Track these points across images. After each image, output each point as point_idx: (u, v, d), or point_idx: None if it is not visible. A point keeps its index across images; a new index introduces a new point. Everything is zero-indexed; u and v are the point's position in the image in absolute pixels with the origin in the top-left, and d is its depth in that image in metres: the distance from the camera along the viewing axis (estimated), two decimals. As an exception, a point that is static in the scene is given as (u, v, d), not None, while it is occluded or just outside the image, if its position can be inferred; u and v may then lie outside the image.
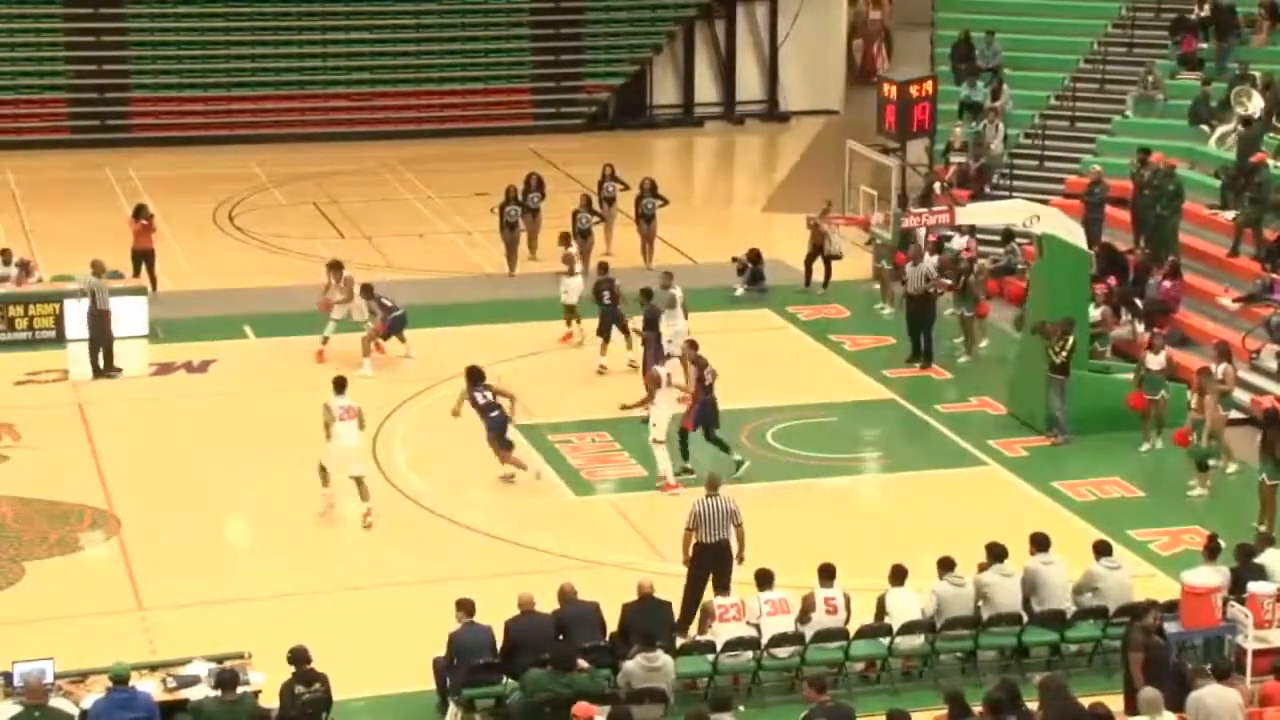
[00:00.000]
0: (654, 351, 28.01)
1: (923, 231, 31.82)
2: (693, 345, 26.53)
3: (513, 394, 25.76)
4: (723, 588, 20.56)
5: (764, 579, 19.93)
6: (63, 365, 30.51)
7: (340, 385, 24.57)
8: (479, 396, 25.25)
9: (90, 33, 46.49)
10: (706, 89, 50.80)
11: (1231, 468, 25.86)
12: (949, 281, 31.50)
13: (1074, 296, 27.65)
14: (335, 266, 30.68)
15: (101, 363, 29.89)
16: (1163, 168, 32.63)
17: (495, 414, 25.19)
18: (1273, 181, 31.75)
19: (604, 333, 29.83)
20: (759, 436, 27.33)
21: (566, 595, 19.43)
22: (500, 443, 25.28)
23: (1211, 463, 25.66)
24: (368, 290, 30.09)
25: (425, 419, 26.97)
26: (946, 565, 20.26)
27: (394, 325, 29.95)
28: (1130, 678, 18.24)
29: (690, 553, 20.91)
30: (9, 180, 42.00)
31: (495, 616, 19.09)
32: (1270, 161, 32.49)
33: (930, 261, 30.57)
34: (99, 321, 29.94)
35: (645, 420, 25.66)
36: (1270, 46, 37.92)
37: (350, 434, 24.14)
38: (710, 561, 20.82)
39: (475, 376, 25.40)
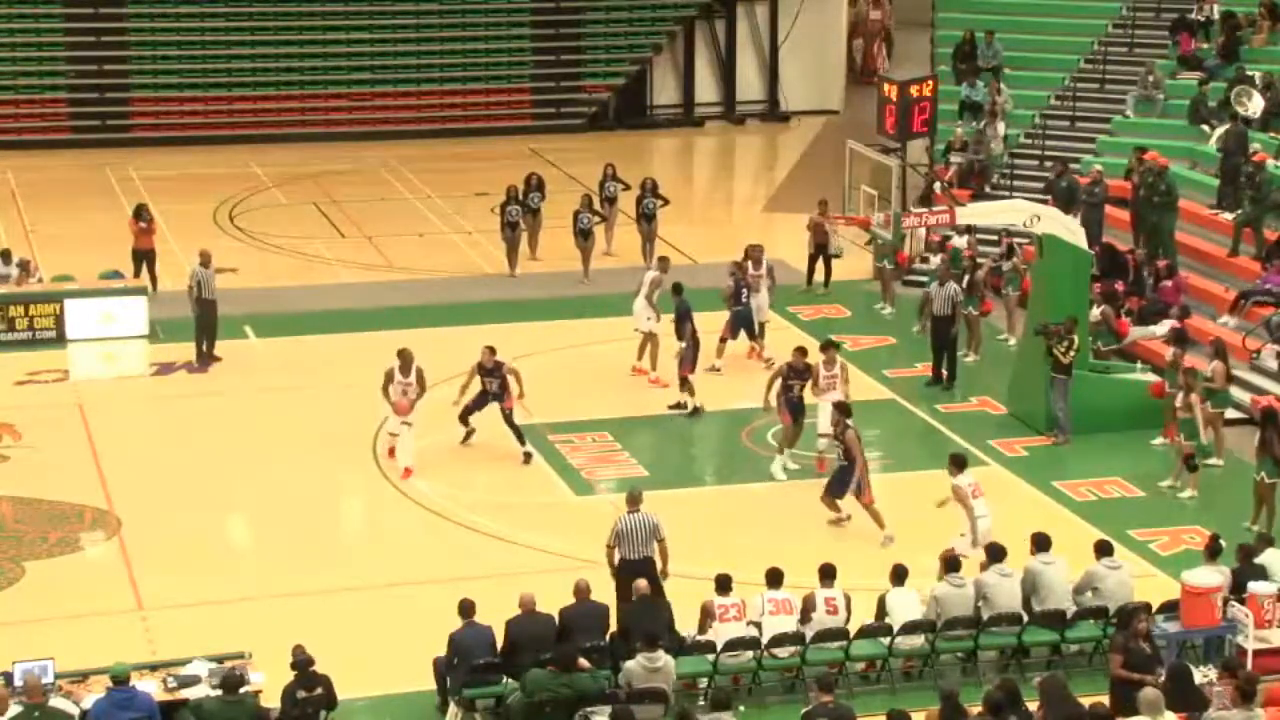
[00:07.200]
0: (692, 346, 28.18)
1: (963, 246, 31.95)
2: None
3: (518, 373, 26.23)
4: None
5: (774, 577, 19.93)
6: (63, 365, 30.55)
7: (960, 463, 22.79)
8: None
9: (90, 33, 46.51)
10: (706, 89, 50.81)
11: (1216, 462, 25.91)
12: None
13: (1074, 296, 27.64)
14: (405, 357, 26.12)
15: (205, 349, 30.34)
16: (1154, 167, 32.63)
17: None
18: (1273, 181, 31.75)
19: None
20: (759, 437, 27.35)
21: (580, 592, 19.42)
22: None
23: (1210, 461, 25.72)
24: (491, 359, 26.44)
25: (425, 420, 26.88)
26: (951, 565, 20.28)
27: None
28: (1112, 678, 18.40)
29: (615, 567, 20.70)
30: (9, 180, 42.03)
31: (495, 616, 19.08)
32: (1270, 161, 32.49)
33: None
34: (205, 310, 30.24)
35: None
36: (1270, 46, 37.93)
37: (983, 508, 22.26)
38: (633, 579, 20.29)
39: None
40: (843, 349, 27.12)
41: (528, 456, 26.33)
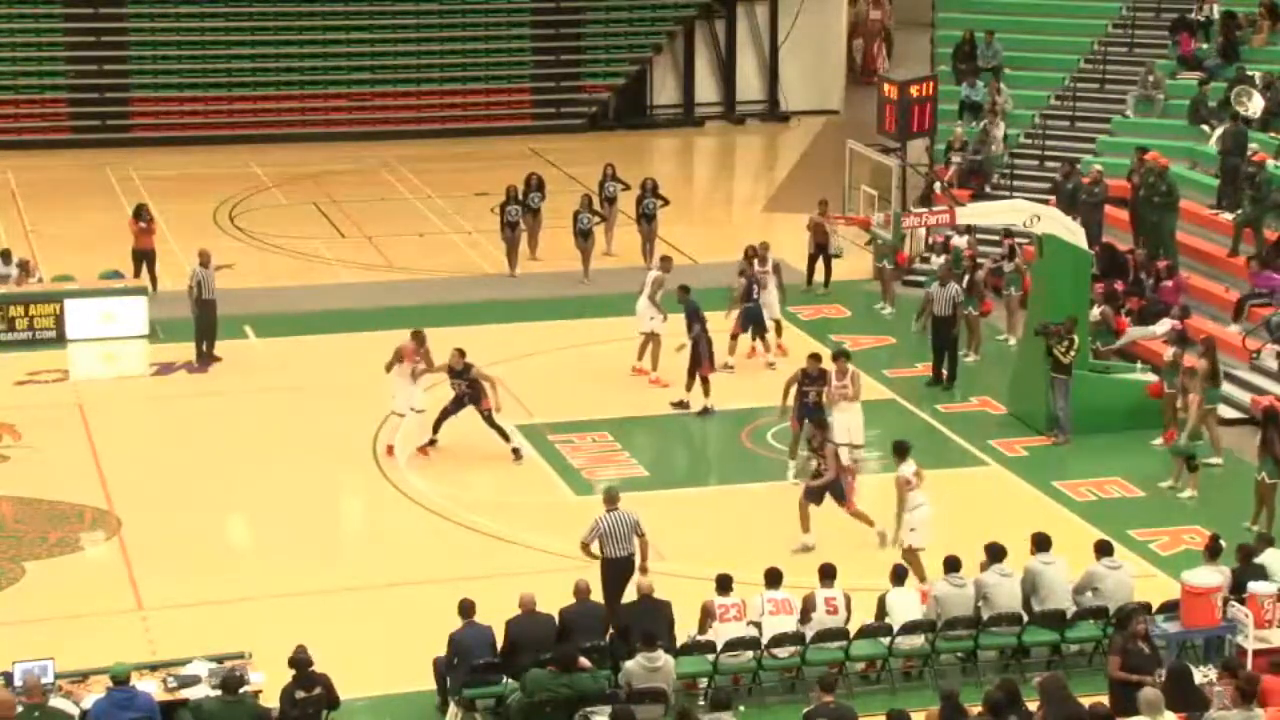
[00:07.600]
0: (706, 344, 28.08)
1: (962, 246, 31.95)
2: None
3: (492, 379, 26.06)
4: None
5: (773, 577, 19.92)
6: (63, 365, 30.54)
7: (903, 451, 22.80)
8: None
9: (90, 33, 46.48)
10: (706, 89, 50.78)
11: (1216, 461, 25.90)
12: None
13: (1074, 296, 27.64)
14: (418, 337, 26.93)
15: (205, 349, 30.37)
16: (1154, 167, 32.62)
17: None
18: (1273, 181, 31.75)
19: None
20: (759, 436, 27.35)
21: (580, 592, 19.42)
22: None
23: (1210, 461, 25.73)
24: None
25: (424, 420, 26.89)
26: (951, 565, 20.28)
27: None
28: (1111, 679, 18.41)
29: (599, 569, 20.65)
30: (9, 180, 42.01)
31: (495, 616, 19.09)
32: (1270, 161, 32.50)
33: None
34: (205, 310, 30.27)
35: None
36: (1270, 46, 37.93)
37: (921, 497, 22.38)
38: (619, 576, 20.48)
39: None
40: (852, 358, 27.00)
41: (516, 453, 26.31)
